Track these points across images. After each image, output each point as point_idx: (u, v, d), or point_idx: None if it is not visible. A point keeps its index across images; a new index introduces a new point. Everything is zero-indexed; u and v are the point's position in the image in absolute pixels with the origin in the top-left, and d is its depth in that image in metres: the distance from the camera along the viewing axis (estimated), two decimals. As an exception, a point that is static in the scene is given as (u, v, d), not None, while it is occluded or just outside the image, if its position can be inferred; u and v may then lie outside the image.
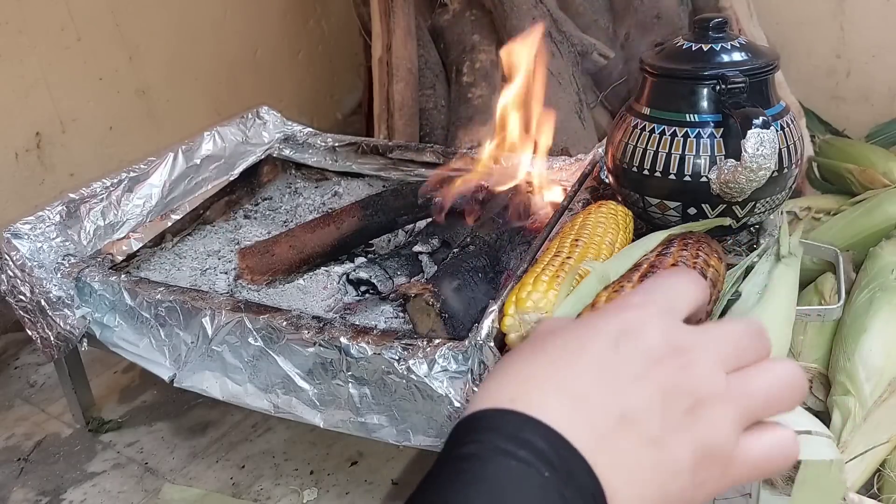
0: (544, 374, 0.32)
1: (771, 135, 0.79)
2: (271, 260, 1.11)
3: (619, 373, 0.31)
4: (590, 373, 0.31)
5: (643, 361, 0.32)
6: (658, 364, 0.32)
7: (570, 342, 0.33)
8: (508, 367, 0.33)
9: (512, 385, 0.32)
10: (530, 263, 0.88)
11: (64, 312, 1.06)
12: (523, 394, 0.31)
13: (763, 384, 0.33)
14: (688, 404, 0.31)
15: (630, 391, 0.31)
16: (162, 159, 1.29)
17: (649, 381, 0.31)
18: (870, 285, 1.16)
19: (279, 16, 2.11)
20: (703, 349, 0.33)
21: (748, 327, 0.34)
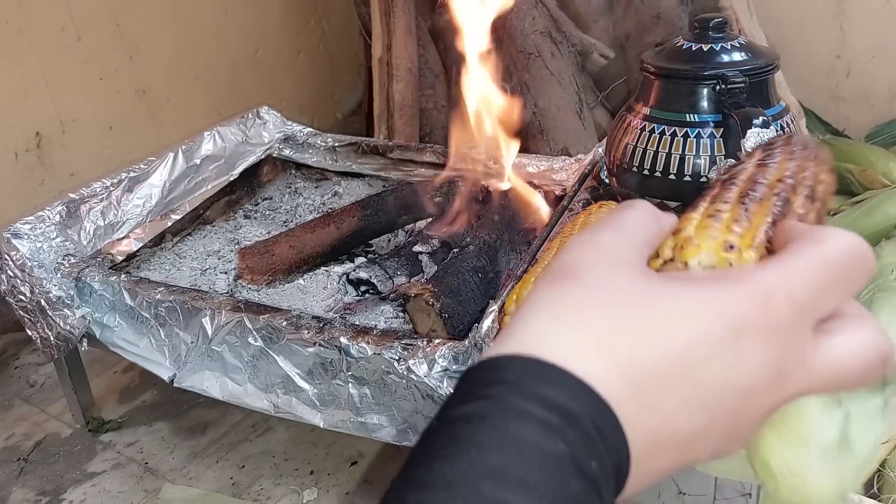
0: (620, 330, 0.25)
1: (771, 134, 0.79)
2: (271, 260, 1.11)
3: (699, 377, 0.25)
4: (667, 360, 0.25)
5: (740, 393, 0.26)
6: (753, 400, 0.26)
7: (661, 307, 0.26)
8: (574, 300, 0.26)
9: (540, 324, 0.26)
10: (530, 263, 0.88)
11: (64, 312, 1.06)
12: (553, 336, 0.25)
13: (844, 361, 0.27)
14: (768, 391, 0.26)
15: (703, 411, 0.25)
16: (162, 159, 1.29)
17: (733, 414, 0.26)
18: (870, 285, 1.16)
19: (280, 16, 2.11)
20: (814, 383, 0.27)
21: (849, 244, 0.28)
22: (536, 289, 0.28)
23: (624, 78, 1.76)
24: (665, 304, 0.26)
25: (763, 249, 0.31)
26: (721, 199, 0.35)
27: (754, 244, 0.31)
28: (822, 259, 0.27)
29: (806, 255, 0.28)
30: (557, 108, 1.65)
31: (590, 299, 0.26)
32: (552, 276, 0.28)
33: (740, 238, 0.31)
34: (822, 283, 0.27)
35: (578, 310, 0.26)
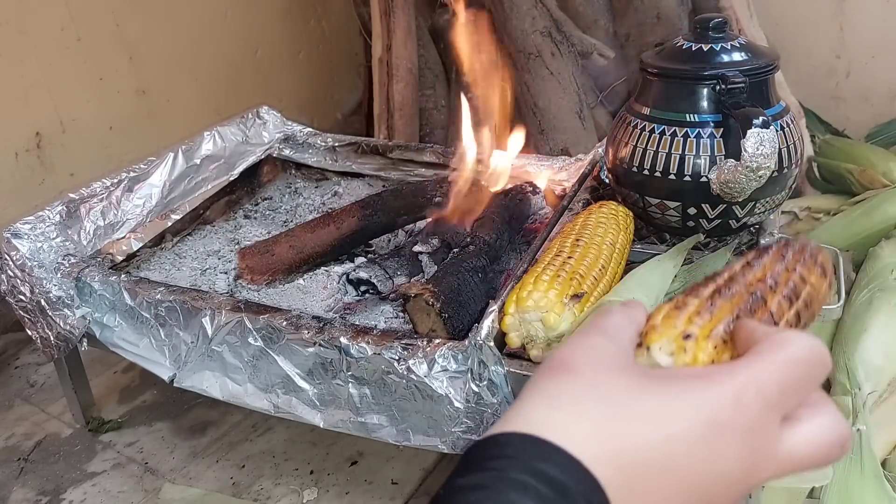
0: (612, 420, 0.28)
1: (771, 134, 0.79)
2: (271, 260, 1.11)
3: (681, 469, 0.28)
4: (654, 452, 0.28)
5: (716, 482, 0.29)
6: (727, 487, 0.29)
7: (649, 401, 0.29)
8: (571, 391, 0.30)
9: (571, 416, 0.28)
10: (530, 263, 0.88)
11: (64, 312, 1.06)
12: (551, 420, 0.28)
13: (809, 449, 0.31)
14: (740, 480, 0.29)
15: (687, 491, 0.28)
16: (162, 159, 1.29)
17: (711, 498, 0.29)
18: (869, 285, 1.16)
19: (280, 16, 2.11)
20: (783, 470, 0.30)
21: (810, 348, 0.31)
22: (536, 379, 0.31)
23: (624, 78, 1.76)
24: (650, 401, 0.29)
25: (720, 341, 0.35)
26: (695, 293, 0.39)
27: (711, 335, 0.35)
28: (787, 361, 0.31)
29: (772, 357, 0.31)
30: (557, 108, 1.65)
31: (585, 392, 0.30)
32: (551, 369, 0.31)
33: (699, 329, 0.35)
34: (787, 383, 0.31)
35: (574, 400, 0.29)
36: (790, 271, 0.41)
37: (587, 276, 0.79)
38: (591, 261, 0.81)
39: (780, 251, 0.43)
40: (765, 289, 0.39)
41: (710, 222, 0.91)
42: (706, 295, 0.39)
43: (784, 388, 0.30)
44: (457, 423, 0.81)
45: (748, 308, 0.38)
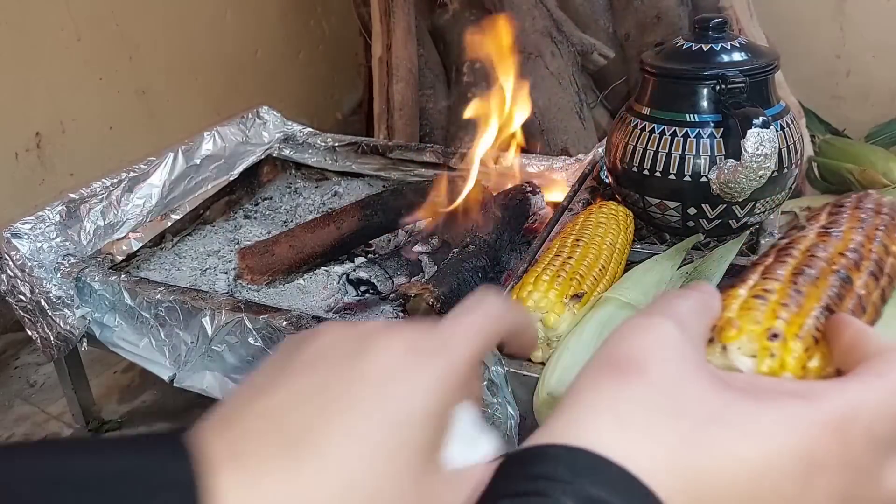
0: (686, 442, 0.23)
1: (771, 134, 0.79)
2: (271, 260, 1.11)
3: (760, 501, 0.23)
4: (732, 481, 0.23)
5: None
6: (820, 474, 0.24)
7: (732, 423, 0.24)
8: (640, 399, 0.24)
9: (602, 420, 0.23)
10: (530, 263, 0.88)
11: (64, 312, 1.06)
12: (615, 437, 0.23)
13: None
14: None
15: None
16: (162, 159, 1.29)
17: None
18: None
19: (279, 16, 2.11)
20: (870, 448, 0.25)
21: None
22: (593, 375, 0.25)
23: (624, 78, 1.76)
24: (738, 423, 0.24)
25: (811, 340, 0.29)
26: (772, 274, 0.31)
27: (801, 333, 0.29)
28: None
29: (889, 384, 0.25)
30: (557, 108, 1.65)
31: (659, 404, 0.24)
32: (613, 366, 0.25)
33: (786, 325, 0.29)
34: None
35: (645, 414, 0.24)
36: (871, 240, 0.34)
37: (587, 276, 0.79)
38: (591, 261, 0.81)
39: (857, 214, 0.35)
40: (850, 265, 0.32)
41: (710, 222, 0.91)
42: (786, 276, 0.31)
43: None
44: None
45: (837, 294, 0.31)
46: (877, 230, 0.35)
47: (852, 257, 0.33)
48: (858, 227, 0.35)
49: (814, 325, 0.29)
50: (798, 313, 0.29)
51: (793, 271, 0.32)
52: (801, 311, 0.30)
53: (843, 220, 0.35)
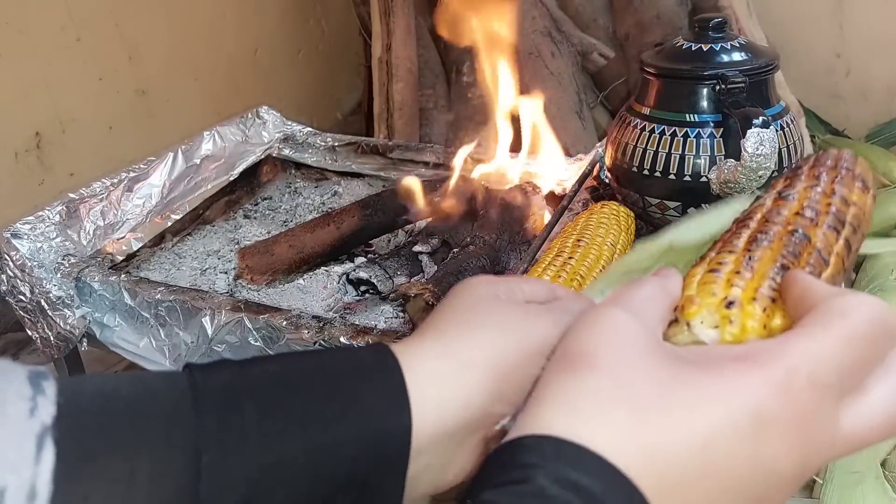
0: (639, 421, 0.25)
1: (771, 134, 0.79)
2: (271, 260, 1.11)
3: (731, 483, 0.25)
4: (689, 451, 0.25)
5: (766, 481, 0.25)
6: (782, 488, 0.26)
7: (680, 396, 0.25)
8: (591, 387, 0.26)
9: (593, 416, 0.25)
10: (531, 263, 0.88)
11: (64, 312, 1.06)
12: (572, 428, 0.25)
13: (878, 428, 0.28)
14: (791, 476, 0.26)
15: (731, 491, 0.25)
16: (162, 159, 1.29)
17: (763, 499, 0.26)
18: (870, 285, 1.16)
19: (279, 15, 2.11)
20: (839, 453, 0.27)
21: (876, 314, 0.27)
22: (552, 372, 0.28)
23: (624, 78, 1.76)
24: (685, 396, 0.25)
25: (768, 301, 0.30)
26: (728, 247, 0.33)
27: (757, 296, 0.30)
28: (847, 337, 0.26)
29: (829, 332, 0.26)
30: (557, 108, 1.65)
31: (608, 392, 0.26)
32: (567, 362, 0.28)
33: (742, 291, 0.30)
34: (846, 363, 0.26)
35: (597, 403, 0.26)
36: (828, 195, 0.35)
37: (588, 276, 0.79)
38: (591, 261, 0.81)
39: (813, 172, 0.36)
40: (806, 224, 0.34)
41: (710, 222, 0.91)
42: (741, 246, 0.32)
43: (843, 369, 0.26)
44: (457, 423, 0.81)
45: (792, 252, 0.32)
46: (834, 184, 0.36)
47: (809, 215, 0.34)
48: (814, 185, 0.36)
49: (769, 287, 0.31)
50: (752, 278, 0.31)
51: (748, 240, 0.33)
52: (755, 276, 0.31)
53: (799, 182, 0.36)
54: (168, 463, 0.28)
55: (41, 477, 0.25)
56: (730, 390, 0.25)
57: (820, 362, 0.26)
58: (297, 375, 0.33)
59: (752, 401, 0.25)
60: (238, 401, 0.31)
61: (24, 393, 0.27)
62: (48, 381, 0.29)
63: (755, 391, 0.25)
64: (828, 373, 0.26)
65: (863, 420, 0.27)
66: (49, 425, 0.27)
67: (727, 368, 0.26)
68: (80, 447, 0.27)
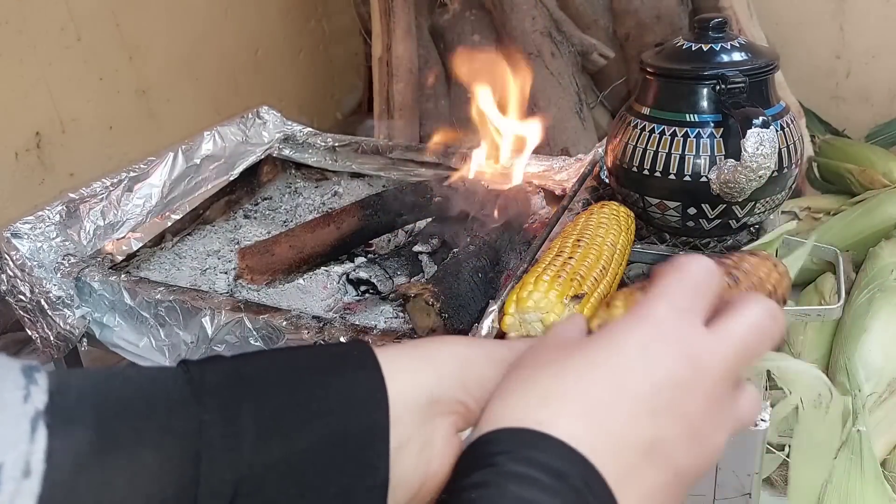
0: (564, 392, 0.30)
1: (771, 134, 0.79)
2: (271, 260, 1.11)
3: (647, 400, 0.30)
4: (617, 397, 0.30)
5: (671, 389, 0.30)
6: (685, 393, 0.31)
7: (591, 360, 0.31)
8: (525, 382, 0.31)
9: (527, 402, 0.30)
10: (531, 263, 0.88)
11: (64, 312, 1.06)
12: (545, 414, 0.29)
13: (749, 407, 0.35)
14: (707, 433, 0.31)
15: (659, 422, 0.30)
16: (162, 159, 1.29)
17: (678, 413, 0.30)
18: (870, 286, 1.16)
19: (280, 15, 2.11)
20: (723, 365, 0.32)
21: (764, 316, 0.34)
22: (503, 381, 0.34)
23: (624, 78, 1.76)
24: (584, 352, 0.32)
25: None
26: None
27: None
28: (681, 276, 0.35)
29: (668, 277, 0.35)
30: (557, 108, 1.65)
31: (529, 373, 0.32)
32: (503, 379, 0.34)
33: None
34: (689, 289, 0.34)
35: (523, 384, 0.32)
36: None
37: (588, 276, 0.79)
38: (591, 262, 0.81)
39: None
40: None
41: (710, 222, 0.91)
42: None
43: (687, 292, 0.34)
44: (457, 423, 0.81)
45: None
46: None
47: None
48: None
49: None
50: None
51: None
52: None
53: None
54: (166, 456, 0.30)
55: (35, 455, 0.28)
56: (609, 338, 0.33)
57: (669, 294, 0.33)
58: (289, 371, 0.36)
59: (630, 336, 0.32)
60: (236, 398, 0.33)
61: (18, 382, 0.30)
62: (40, 374, 0.32)
63: (628, 330, 0.32)
64: (678, 298, 0.33)
65: (731, 333, 0.33)
66: (41, 410, 0.29)
67: (612, 326, 0.34)
68: (73, 434, 0.29)
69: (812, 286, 1.25)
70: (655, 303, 0.33)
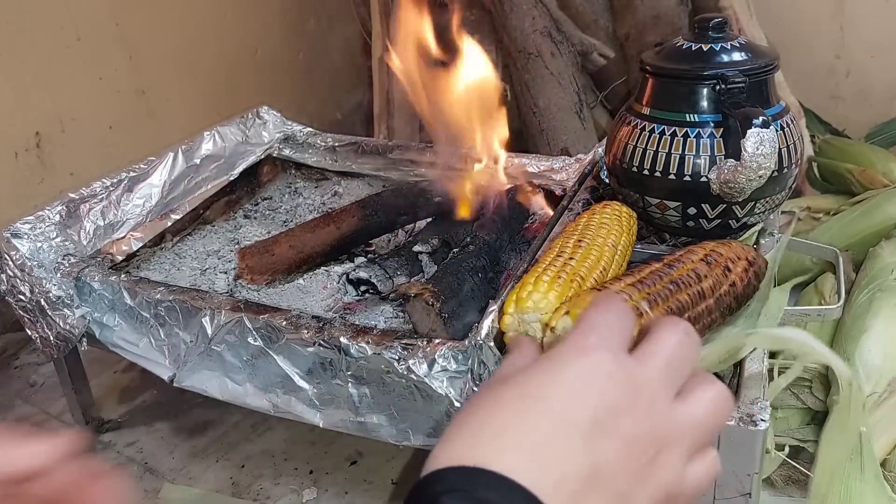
0: (505, 428, 0.30)
1: (771, 134, 0.79)
2: (271, 260, 1.11)
3: (585, 427, 0.30)
4: (555, 428, 0.30)
5: (607, 413, 0.31)
6: (622, 415, 0.31)
7: (528, 393, 0.32)
8: (466, 422, 0.32)
9: (472, 442, 0.30)
10: (530, 263, 0.88)
11: (64, 312, 1.06)
12: (486, 450, 0.30)
13: (704, 411, 0.34)
14: (652, 453, 0.32)
15: (598, 447, 0.30)
16: (162, 159, 1.29)
17: (616, 435, 0.31)
18: (870, 285, 1.16)
19: (279, 16, 2.11)
20: (655, 383, 0.33)
21: (680, 334, 0.35)
22: (455, 419, 0.33)
23: (624, 78, 1.76)
24: (522, 387, 0.32)
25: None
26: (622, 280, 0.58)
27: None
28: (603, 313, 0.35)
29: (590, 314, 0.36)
30: (557, 108, 1.65)
31: (473, 417, 0.32)
32: (460, 413, 0.34)
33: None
34: (611, 325, 0.35)
35: (467, 428, 0.31)
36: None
37: (588, 277, 0.79)
38: (592, 262, 0.81)
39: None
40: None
41: (710, 222, 0.91)
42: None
43: (612, 327, 0.35)
44: (457, 423, 0.81)
45: None
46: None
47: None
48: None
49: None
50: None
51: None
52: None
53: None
54: None
55: None
56: (552, 368, 0.33)
57: (597, 328, 0.34)
58: None
59: (567, 366, 0.32)
60: None
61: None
62: None
63: (566, 360, 0.33)
64: (606, 331, 0.34)
65: (691, 410, 0.34)
66: None
67: (551, 352, 0.34)
68: None
69: (812, 286, 1.24)
70: (585, 336, 0.34)
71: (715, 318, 0.73)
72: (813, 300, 1.22)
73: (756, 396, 0.69)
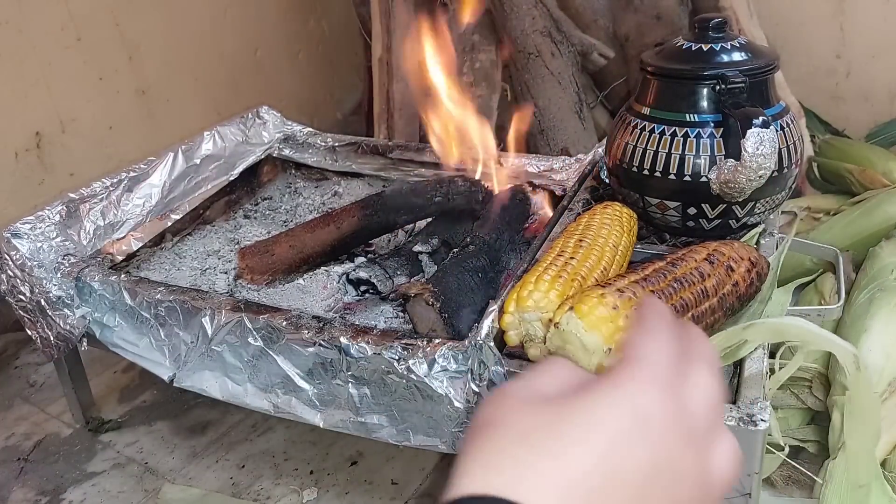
0: (543, 458, 0.28)
1: (771, 134, 0.79)
2: (271, 260, 1.11)
3: (635, 483, 0.28)
4: (597, 470, 0.27)
5: (662, 474, 0.28)
6: (679, 481, 0.29)
7: (568, 436, 0.28)
8: (495, 442, 0.29)
9: (503, 466, 0.28)
10: (531, 263, 0.88)
11: (64, 312, 1.06)
12: (520, 480, 0.27)
13: (729, 469, 0.32)
14: (691, 498, 0.30)
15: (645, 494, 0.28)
16: (162, 159, 1.29)
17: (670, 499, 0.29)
18: (870, 285, 1.16)
19: (279, 16, 2.11)
20: (702, 431, 0.31)
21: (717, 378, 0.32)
22: (467, 440, 0.31)
23: (624, 78, 1.76)
24: (573, 419, 0.29)
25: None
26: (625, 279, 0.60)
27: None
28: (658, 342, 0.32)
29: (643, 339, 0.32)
30: (557, 108, 1.65)
31: (508, 438, 0.29)
32: (475, 430, 0.30)
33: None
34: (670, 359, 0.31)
35: (500, 450, 0.28)
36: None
37: (589, 277, 0.79)
38: (593, 263, 0.81)
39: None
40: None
41: (710, 222, 0.91)
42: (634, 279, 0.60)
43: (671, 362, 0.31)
44: (457, 423, 0.81)
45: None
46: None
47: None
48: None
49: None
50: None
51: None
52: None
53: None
54: None
55: None
56: (609, 401, 0.29)
57: (651, 364, 0.30)
58: None
59: (629, 402, 0.29)
60: None
61: None
62: None
63: (614, 400, 0.29)
64: (664, 369, 0.30)
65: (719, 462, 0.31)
66: None
67: (600, 386, 0.30)
68: None
69: (812, 286, 1.24)
70: (636, 371, 0.30)
71: (718, 318, 0.74)
72: (813, 300, 1.22)
73: (756, 396, 0.69)
